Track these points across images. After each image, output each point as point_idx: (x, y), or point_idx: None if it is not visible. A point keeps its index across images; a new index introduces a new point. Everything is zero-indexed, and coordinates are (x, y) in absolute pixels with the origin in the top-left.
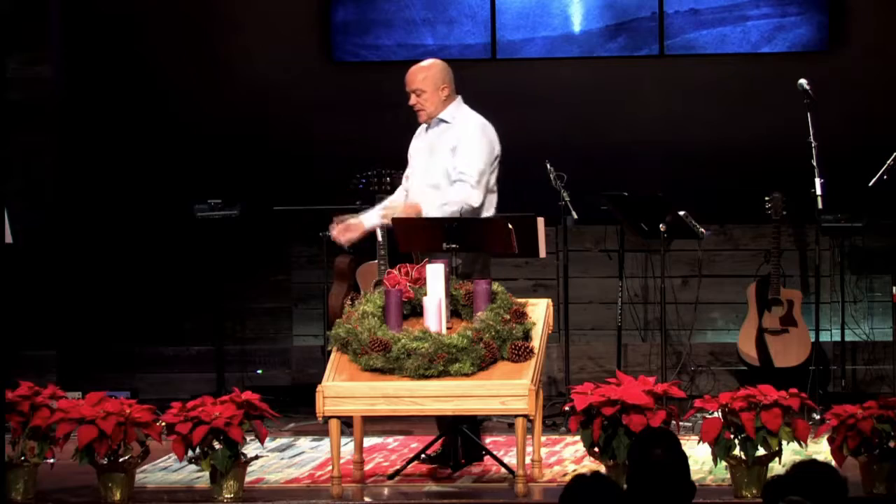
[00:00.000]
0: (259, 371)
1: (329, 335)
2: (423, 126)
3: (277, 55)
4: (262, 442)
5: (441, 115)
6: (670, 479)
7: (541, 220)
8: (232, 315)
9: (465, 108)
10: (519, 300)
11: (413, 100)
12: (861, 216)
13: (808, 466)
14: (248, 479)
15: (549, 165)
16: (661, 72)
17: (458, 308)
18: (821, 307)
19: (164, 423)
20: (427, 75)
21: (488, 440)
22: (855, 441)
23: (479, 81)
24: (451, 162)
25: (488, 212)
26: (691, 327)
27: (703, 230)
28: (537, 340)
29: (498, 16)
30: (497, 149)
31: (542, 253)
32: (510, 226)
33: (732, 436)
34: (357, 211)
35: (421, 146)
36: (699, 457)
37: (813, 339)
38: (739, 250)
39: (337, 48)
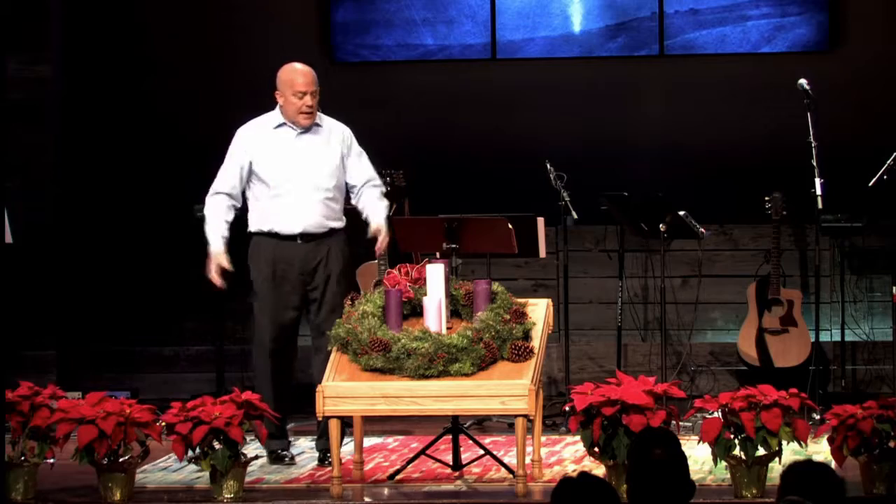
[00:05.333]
0: None
1: (329, 335)
2: (279, 129)
3: (278, 55)
4: (262, 442)
5: (316, 119)
6: (670, 479)
7: (541, 220)
8: (232, 315)
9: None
10: (519, 300)
11: (311, 101)
12: (861, 216)
13: (806, 467)
14: (248, 479)
15: (549, 165)
16: (661, 72)
17: (458, 308)
18: (821, 307)
19: (164, 423)
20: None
21: (488, 440)
22: (855, 441)
23: (479, 81)
24: (338, 169)
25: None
26: (691, 327)
27: (703, 230)
28: (537, 340)
29: (498, 16)
30: None
31: (542, 253)
32: (510, 226)
33: (732, 436)
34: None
35: (298, 153)
36: (699, 457)
37: (813, 339)
38: (739, 250)
39: (337, 48)
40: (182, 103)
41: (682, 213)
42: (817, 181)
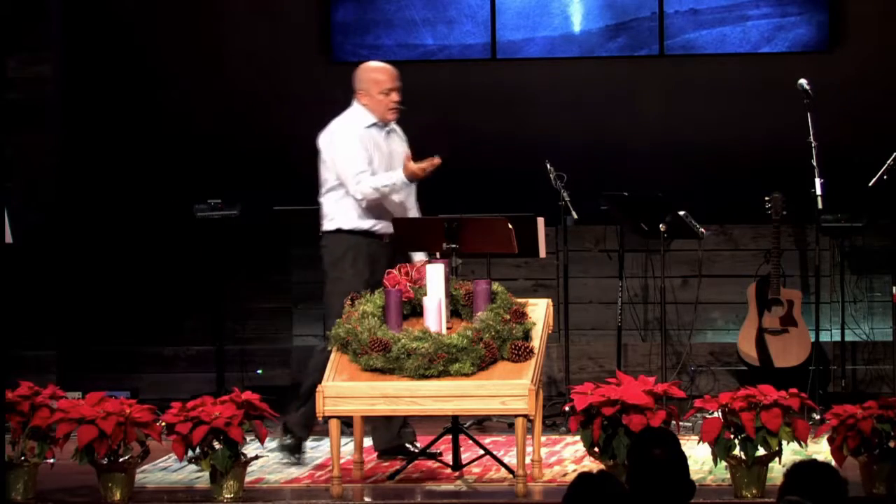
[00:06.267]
0: (259, 371)
1: (329, 335)
2: (370, 129)
3: (277, 55)
4: (262, 442)
5: None
6: (670, 479)
7: (541, 220)
8: (232, 315)
9: None
10: (519, 300)
11: (397, 96)
12: (861, 216)
13: (808, 467)
14: (248, 479)
15: (549, 165)
16: (661, 72)
17: (458, 308)
18: (821, 307)
19: (164, 423)
20: None
21: (488, 440)
22: (855, 441)
23: (479, 81)
24: None
25: None
26: (691, 327)
27: (703, 230)
28: (537, 340)
29: (498, 16)
30: None
31: (542, 253)
32: (510, 226)
33: (732, 436)
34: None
35: (391, 153)
36: (699, 457)
37: (813, 339)
38: (739, 250)
39: (337, 48)
40: (182, 102)
41: (682, 213)
42: (817, 181)
